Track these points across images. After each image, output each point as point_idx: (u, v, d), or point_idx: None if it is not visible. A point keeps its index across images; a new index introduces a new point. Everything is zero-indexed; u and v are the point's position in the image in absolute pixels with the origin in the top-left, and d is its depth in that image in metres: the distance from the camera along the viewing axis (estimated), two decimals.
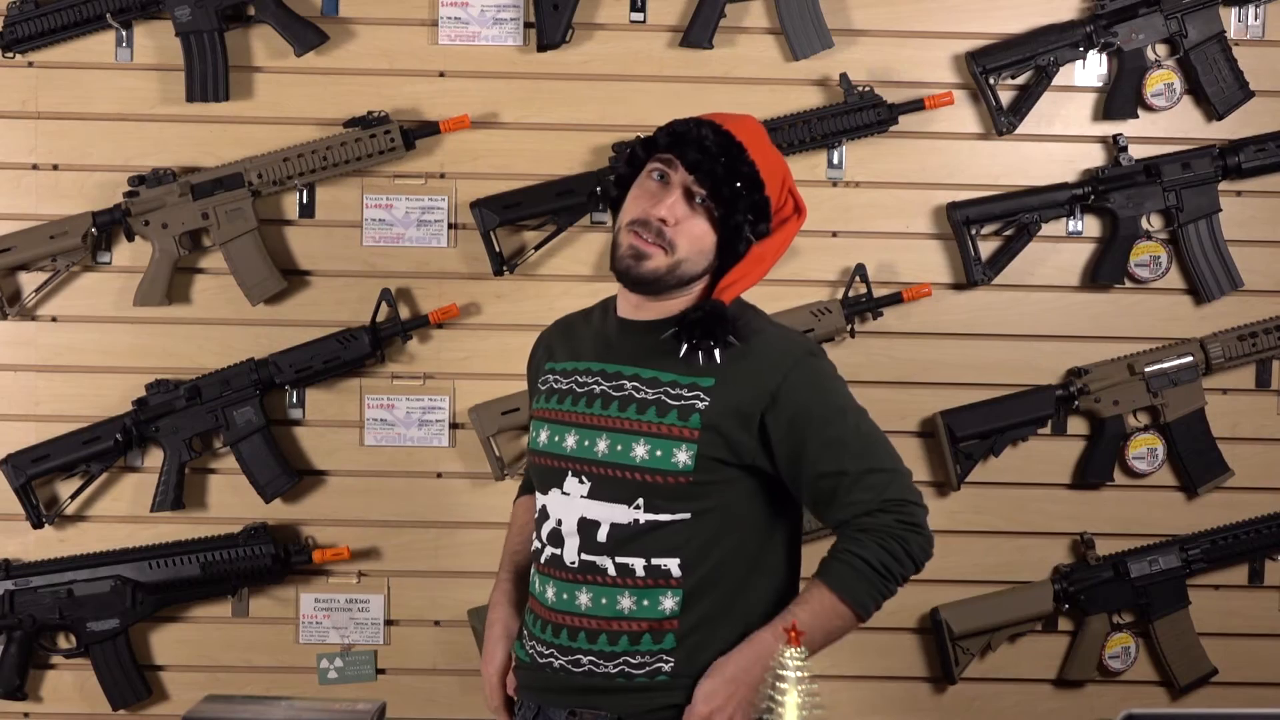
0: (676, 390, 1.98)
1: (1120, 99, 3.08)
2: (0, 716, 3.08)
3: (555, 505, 2.03)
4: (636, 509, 1.97)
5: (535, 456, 2.09)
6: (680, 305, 2.03)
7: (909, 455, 3.09)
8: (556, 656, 2.02)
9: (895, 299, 3.06)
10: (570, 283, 3.06)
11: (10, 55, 3.04)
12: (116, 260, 3.08)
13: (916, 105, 3.03)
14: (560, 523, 2.02)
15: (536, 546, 2.07)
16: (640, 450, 1.96)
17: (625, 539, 1.97)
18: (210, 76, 3.01)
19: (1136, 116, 3.10)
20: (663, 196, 1.98)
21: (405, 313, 3.07)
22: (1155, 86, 3.08)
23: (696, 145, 1.97)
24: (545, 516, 2.05)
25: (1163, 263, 3.11)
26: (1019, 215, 3.08)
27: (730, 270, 2.02)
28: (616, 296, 2.13)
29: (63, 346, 3.09)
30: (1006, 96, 3.09)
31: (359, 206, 3.07)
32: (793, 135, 3.01)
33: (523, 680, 2.10)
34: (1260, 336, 3.11)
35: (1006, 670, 3.16)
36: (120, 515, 3.10)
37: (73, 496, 3.06)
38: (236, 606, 3.09)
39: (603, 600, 1.98)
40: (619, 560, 1.97)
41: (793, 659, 1.61)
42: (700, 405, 1.96)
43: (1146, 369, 3.09)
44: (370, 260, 3.09)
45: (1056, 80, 3.07)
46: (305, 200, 3.07)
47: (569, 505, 2.01)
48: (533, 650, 2.06)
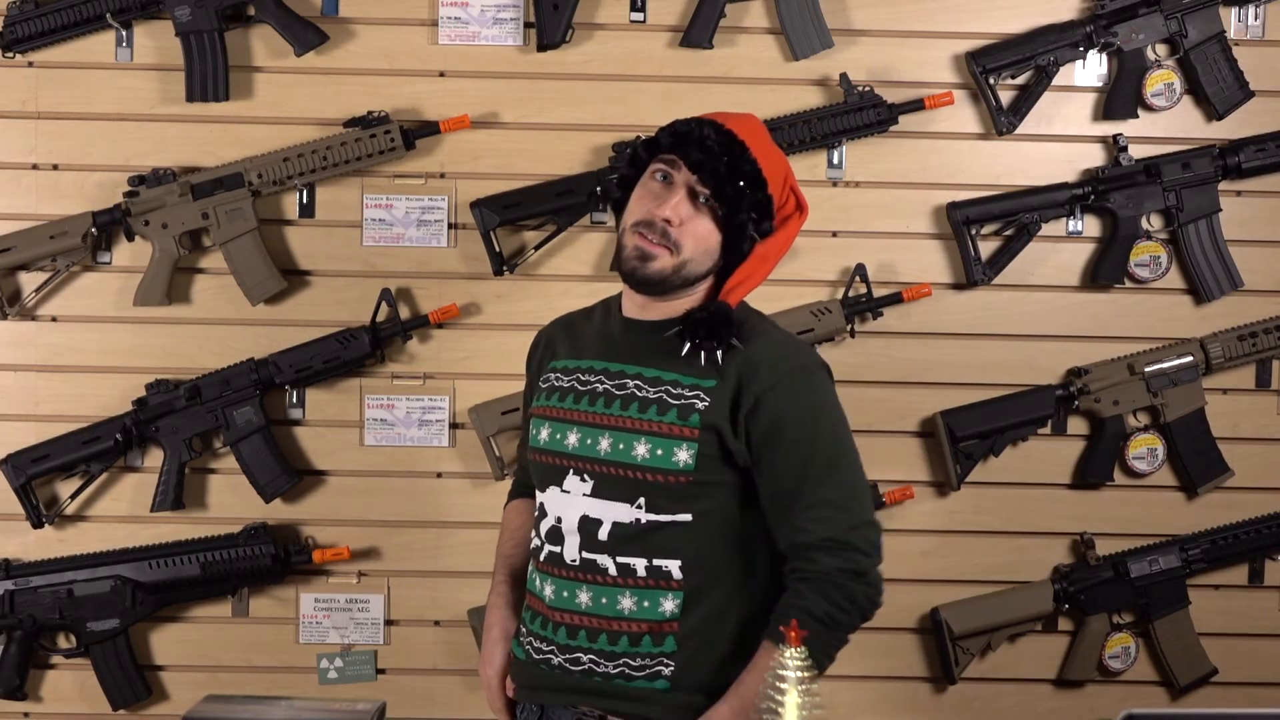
0: (678, 390, 1.98)
1: (1120, 99, 3.08)
2: (0, 716, 3.08)
3: (555, 503, 2.03)
4: (638, 508, 1.97)
5: (535, 454, 2.09)
6: (685, 305, 2.03)
7: (909, 455, 3.11)
8: (555, 654, 2.02)
9: (895, 299, 3.06)
10: (570, 283, 3.06)
11: (10, 55, 3.04)
12: (116, 260, 3.07)
13: (916, 105, 3.03)
14: (560, 520, 2.02)
15: (535, 544, 2.07)
16: (641, 449, 1.97)
17: (626, 538, 1.97)
18: (210, 76, 3.01)
19: (1136, 116, 3.10)
20: (666, 197, 1.98)
21: (405, 313, 3.07)
22: (1155, 86, 3.08)
23: (699, 145, 1.97)
24: (544, 514, 2.05)
25: (1163, 263, 3.11)
26: (1019, 215, 3.08)
27: (735, 270, 2.02)
28: (619, 296, 2.13)
29: (63, 346, 3.09)
30: (1006, 96, 3.09)
31: (359, 206, 3.07)
32: (793, 135, 3.01)
33: (521, 680, 2.09)
34: (1260, 336, 3.11)
35: (1006, 670, 3.16)
36: (120, 515, 3.10)
37: (73, 496, 3.06)
38: (236, 606, 3.09)
39: (603, 600, 1.98)
40: (620, 560, 1.97)
41: (793, 659, 1.61)
42: (700, 405, 1.96)
43: (1146, 369, 3.09)
44: (370, 260, 3.09)
45: (1056, 80, 3.07)
46: (305, 200, 3.07)
47: (569, 503, 2.01)
48: (529, 647, 2.06)
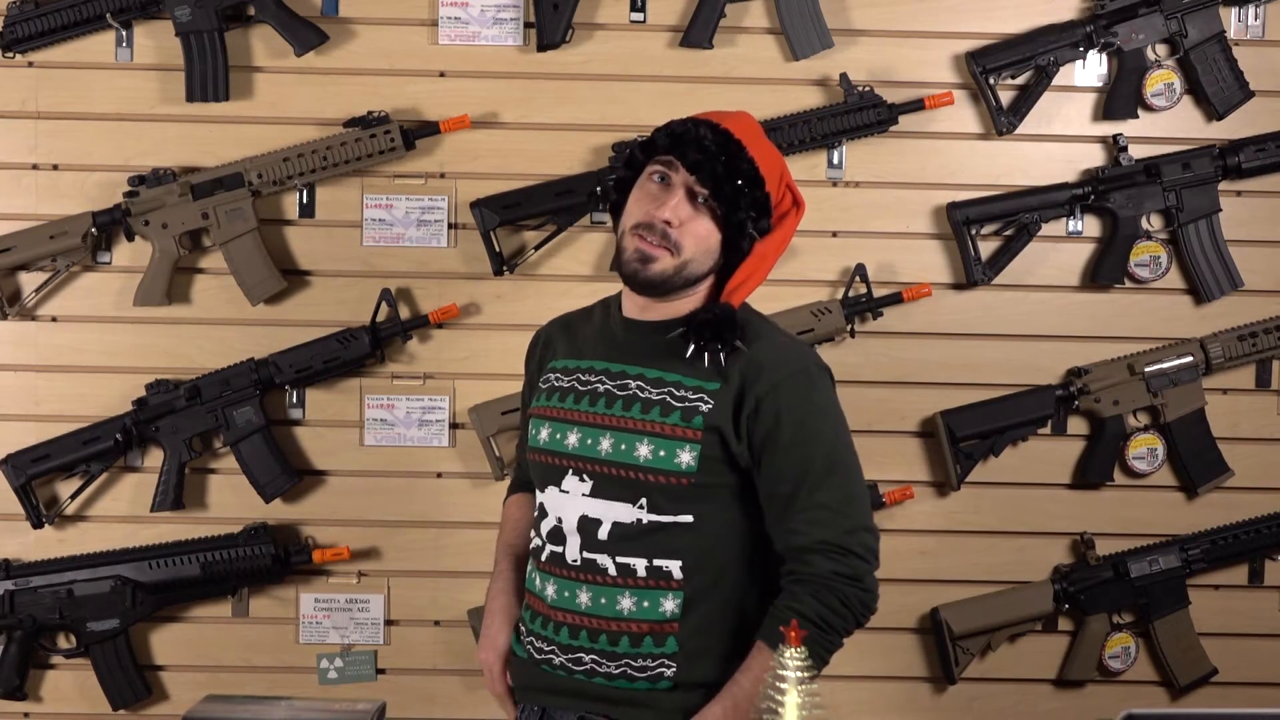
0: (681, 391, 1.98)
1: (1120, 99, 3.08)
2: (0, 716, 3.08)
3: (554, 503, 2.03)
4: (640, 509, 1.97)
5: (535, 454, 2.09)
6: (687, 306, 2.03)
7: (909, 455, 3.11)
8: (557, 654, 2.02)
9: (895, 299, 3.06)
10: (570, 283, 3.06)
11: (10, 55, 3.04)
12: (116, 260, 3.07)
13: (916, 105, 3.03)
14: (560, 520, 2.02)
15: (536, 544, 2.07)
16: (644, 450, 1.97)
17: (626, 538, 1.97)
18: (210, 76, 3.01)
19: (1136, 116, 3.10)
20: (665, 198, 1.98)
21: (405, 313, 3.07)
22: (1155, 86, 3.08)
23: (696, 145, 1.97)
24: (544, 514, 2.05)
25: (1163, 263, 3.11)
26: (1019, 215, 3.08)
27: (736, 270, 2.02)
28: (619, 296, 2.13)
29: (63, 346, 3.09)
30: (1006, 96, 3.09)
31: (359, 206, 3.07)
32: (793, 135, 3.01)
33: (523, 680, 2.09)
34: (1260, 336, 3.11)
35: (1006, 670, 3.16)
36: (120, 515, 3.10)
37: (73, 496, 3.06)
38: (236, 606, 3.09)
39: (602, 600, 1.98)
40: (620, 560, 1.97)
41: (793, 659, 1.61)
42: (704, 408, 1.96)
43: (1146, 369, 3.09)
44: (370, 260, 3.09)
45: (1056, 80, 3.07)
46: (305, 200, 3.07)
47: (569, 503, 2.01)
48: (530, 646, 2.06)
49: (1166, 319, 3.14)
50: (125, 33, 3.04)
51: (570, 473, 2.02)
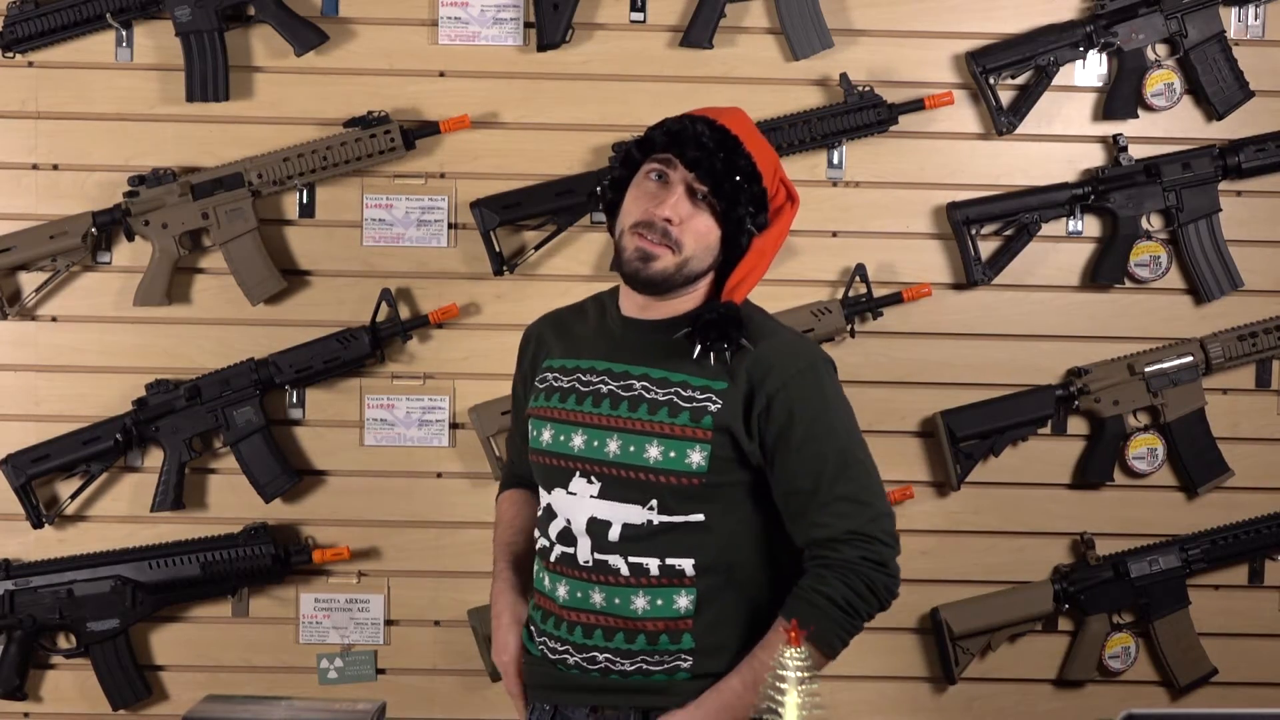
0: (688, 392, 1.97)
1: (1120, 99, 3.08)
2: (0, 716, 3.08)
3: (562, 505, 2.03)
4: (650, 510, 1.96)
5: (539, 455, 2.08)
6: (687, 304, 2.03)
7: (909, 455, 3.11)
8: (571, 653, 2.02)
9: (895, 299, 3.06)
10: (570, 283, 3.06)
11: (10, 55, 3.03)
12: (116, 260, 3.07)
13: (916, 105, 3.03)
14: (570, 522, 2.01)
15: (544, 545, 2.06)
16: (654, 451, 1.96)
17: (638, 539, 1.97)
18: (210, 76, 3.01)
19: (1136, 116, 3.10)
20: (664, 196, 1.98)
21: (405, 313, 3.07)
22: (1155, 86, 3.08)
23: (694, 142, 1.97)
24: (551, 515, 2.04)
25: (1163, 263, 3.11)
26: (1019, 215, 3.08)
27: (736, 267, 2.02)
28: (613, 293, 2.13)
29: (63, 346, 3.09)
30: (1006, 96, 3.09)
31: (359, 206, 3.07)
32: (793, 135, 3.01)
33: (535, 679, 2.09)
34: (1260, 336, 3.11)
35: (1006, 670, 3.16)
36: (120, 515, 3.10)
37: (73, 496, 3.05)
38: (236, 606, 3.09)
39: (616, 600, 1.98)
40: (632, 560, 1.97)
41: (793, 659, 1.61)
42: (713, 408, 1.96)
43: (1146, 369, 3.09)
44: (370, 260, 3.09)
45: (1056, 80, 3.07)
46: (305, 200, 3.07)
47: (577, 505, 2.00)
48: (544, 646, 2.06)
49: (1166, 319, 3.14)
50: (125, 33, 3.04)
51: (577, 474, 2.01)
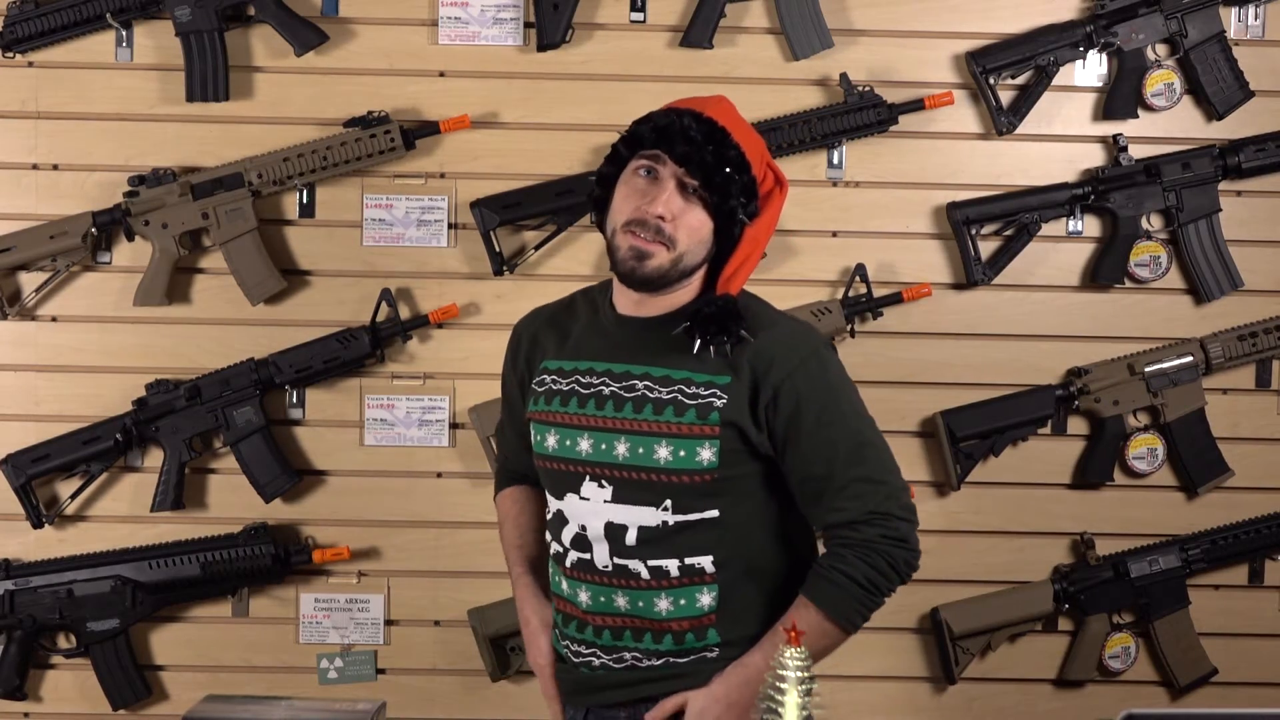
0: (692, 388, 1.96)
1: (1120, 99, 3.08)
2: (0, 716, 3.08)
3: (575, 510, 2.01)
4: (664, 511, 1.96)
5: (545, 461, 2.06)
6: (683, 298, 2.02)
7: (909, 455, 3.10)
8: (598, 655, 2.02)
9: (895, 299, 3.06)
10: (570, 283, 3.02)
11: (10, 55, 3.04)
12: (116, 260, 3.07)
13: (916, 105, 3.03)
14: (584, 528, 2.00)
15: (558, 550, 2.05)
16: (663, 452, 1.95)
17: (654, 541, 1.96)
18: (210, 76, 3.01)
19: (1136, 116, 3.10)
20: (655, 193, 1.95)
21: (405, 313, 3.07)
22: (1155, 86, 3.08)
23: (683, 137, 1.94)
24: (564, 521, 2.03)
25: (1163, 263, 3.11)
26: (1019, 215, 3.08)
27: (730, 258, 2.00)
28: (602, 289, 2.12)
29: (63, 346, 3.09)
30: (1006, 96, 3.09)
31: (359, 206, 3.07)
32: (793, 135, 3.01)
33: (563, 684, 2.08)
34: (1260, 336, 3.11)
35: (1006, 670, 3.16)
36: (120, 515, 3.10)
37: (73, 496, 3.06)
38: (236, 606, 3.09)
39: (640, 603, 1.98)
40: (651, 563, 1.97)
41: (793, 659, 1.61)
42: (719, 403, 1.95)
43: (1146, 369, 3.09)
44: (370, 260, 3.09)
45: (1056, 80, 3.07)
46: (305, 200, 3.07)
47: (591, 510, 1.99)
48: (569, 650, 2.06)
49: (1166, 319, 3.14)
50: (125, 33, 3.04)
51: (588, 479, 2.00)
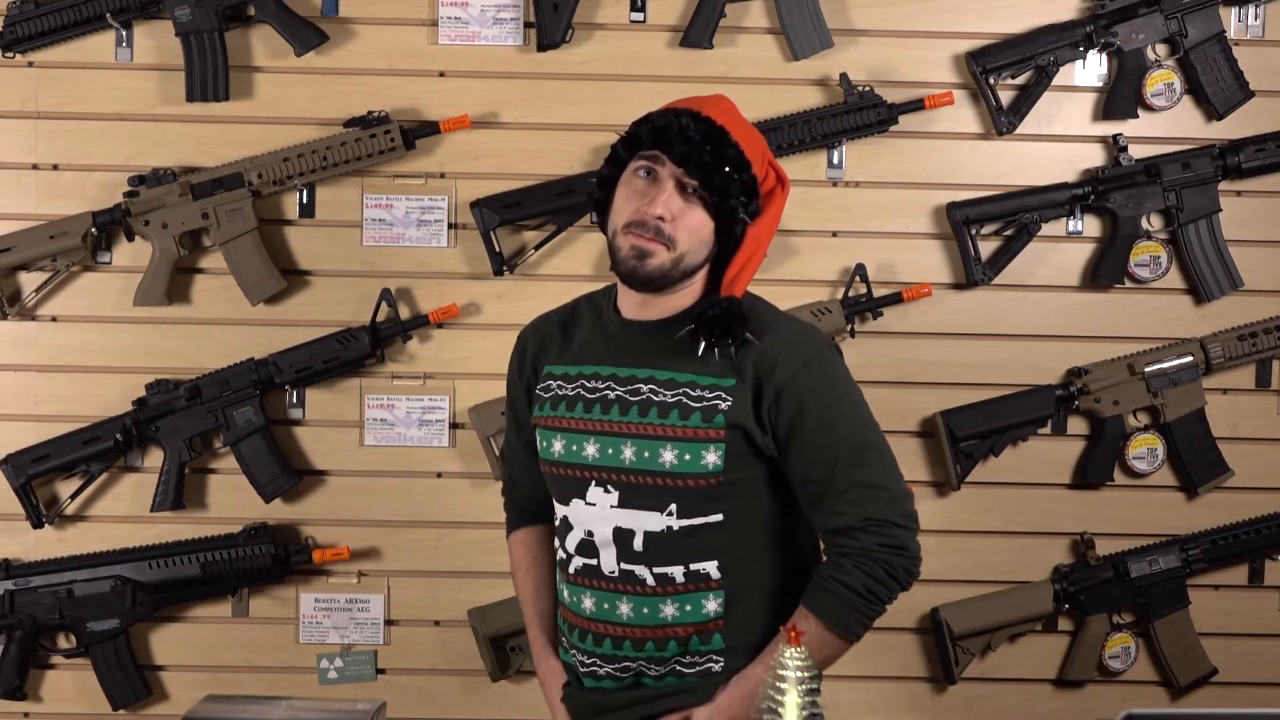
0: (697, 391, 1.95)
1: (1120, 99, 3.08)
2: (0, 716, 3.08)
3: (581, 516, 2.01)
4: (669, 515, 1.95)
5: (551, 467, 2.05)
6: (686, 299, 2.01)
7: (909, 455, 3.10)
8: (600, 664, 2.02)
9: (895, 299, 3.06)
10: (570, 283, 3.06)
11: (10, 55, 3.04)
12: (116, 260, 3.07)
13: (916, 105, 3.03)
14: (591, 534, 2.00)
15: (562, 556, 2.05)
16: (669, 455, 1.95)
17: (660, 547, 1.96)
18: (210, 76, 3.01)
19: (1136, 116, 3.10)
20: (655, 194, 1.95)
21: (405, 313, 3.07)
22: (1155, 86, 3.08)
23: (681, 137, 1.93)
24: (569, 527, 2.03)
25: (1163, 263, 3.11)
26: (1019, 215, 3.08)
27: (733, 259, 1.99)
28: (606, 294, 2.11)
29: (63, 346, 3.09)
30: (1006, 96, 3.09)
31: (359, 206, 3.07)
32: (793, 135, 3.01)
33: (573, 710, 2.07)
34: (1260, 336, 3.11)
35: (1006, 670, 3.16)
36: (120, 515, 3.10)
37: (73, 496, 3.06)
38: (236, 606, 3.09)
39: (644, 610, 1.98)
40: (657, 570, 1.96)
41: (793, 659, 1.61)
42: (723, 405, 1.94)
43: (1146, 369, 3.09)
44: (370, 260, 3.09)
45: (1056, 80, 3.07)
46: (305, 200, 3.07)
47: (598, 515, 1.98)
48: (575, 657, 2.05)
49: (1166, 319, 3.14)
50: (125, 33, 3.04)
51: (594, 484, 1.99)
